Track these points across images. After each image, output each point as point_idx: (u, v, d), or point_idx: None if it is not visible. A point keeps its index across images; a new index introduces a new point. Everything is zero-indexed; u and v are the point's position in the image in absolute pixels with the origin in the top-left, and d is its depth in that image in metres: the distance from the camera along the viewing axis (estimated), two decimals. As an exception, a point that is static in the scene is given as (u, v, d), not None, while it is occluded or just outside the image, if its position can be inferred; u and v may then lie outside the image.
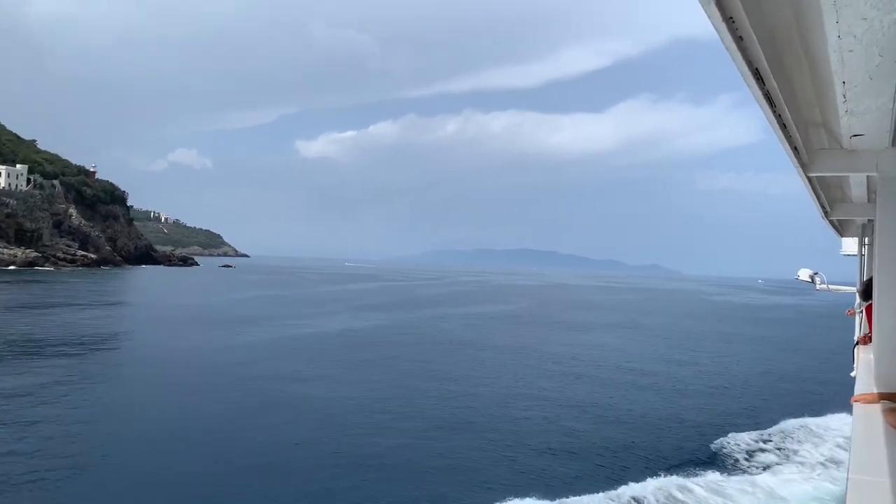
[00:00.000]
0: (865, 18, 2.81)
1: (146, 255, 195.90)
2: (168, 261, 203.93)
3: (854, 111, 4.42)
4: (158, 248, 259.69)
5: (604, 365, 37.26)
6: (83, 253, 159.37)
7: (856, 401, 5.50)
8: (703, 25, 2.70)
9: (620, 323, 66.08)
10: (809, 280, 12.20)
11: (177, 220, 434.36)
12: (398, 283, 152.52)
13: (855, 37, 3.02)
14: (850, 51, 3.22)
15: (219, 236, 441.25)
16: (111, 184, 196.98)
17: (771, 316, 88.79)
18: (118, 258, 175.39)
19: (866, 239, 12.73)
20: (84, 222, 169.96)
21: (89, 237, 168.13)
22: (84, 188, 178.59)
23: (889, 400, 5.42)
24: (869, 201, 9.26)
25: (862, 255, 13.72)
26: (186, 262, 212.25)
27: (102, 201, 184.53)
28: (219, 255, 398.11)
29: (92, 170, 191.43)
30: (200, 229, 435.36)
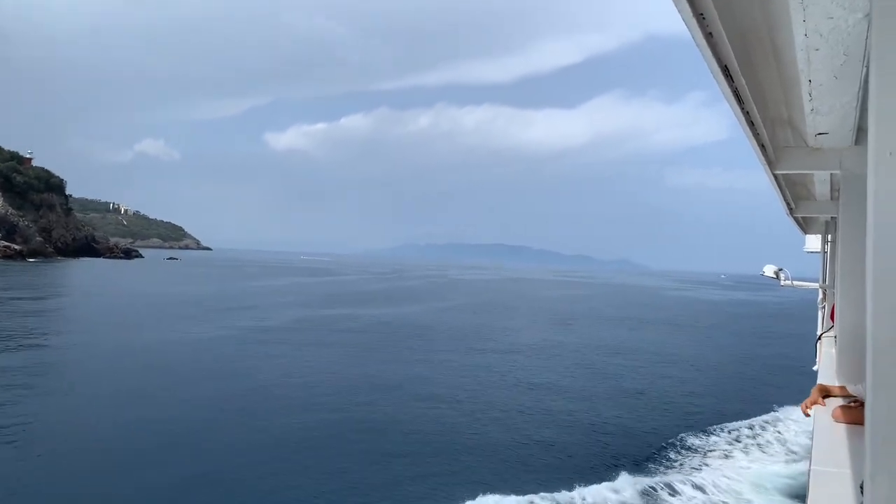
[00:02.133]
0: (832, 17, 2.85)
1: (86, 247, 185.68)
2: (110, 253, 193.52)
3: (819, 110, 4.50)
4: (117, 240, 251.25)
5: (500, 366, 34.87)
6: (6, 244, 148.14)
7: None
8: (675, 22, 2.71)
9: (547, 320, 62.00)
10: (774, 276, 12.40)
11: (137, 211, 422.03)
12: (343, 277, 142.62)
13: (821, 35, 3.07)
14: (817, 49, 3.26)
15: (181, 229, 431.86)
16: (46, 171, 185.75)
17: (728, 311, 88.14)
18: (49, 250, 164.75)
19: (829, 236, 12.97)
20: (12, 211, 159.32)
21: (17, 227, 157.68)
22: (14, 175, 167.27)
23: (839, 396, 5.56)
24: (832, 199, 9.44)
25: (825, 253, 13.98)
26: (130, 254, 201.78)
27: (35, 189, 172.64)
28: (180, 247, 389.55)
29: (28, 156, 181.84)
30: (162, 221, 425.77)
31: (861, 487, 3.51)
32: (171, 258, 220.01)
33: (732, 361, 41.33)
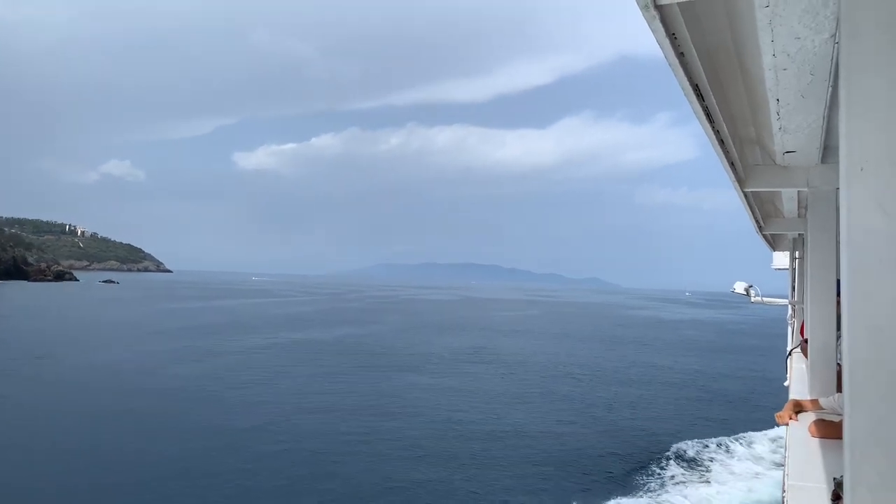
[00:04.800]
0: (799, 38, 2.92)
1: (14, 270, 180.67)
2: (42, 275, 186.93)
3: (787, 128, 4.59)
4: (71, 262, 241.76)
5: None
6: None
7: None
8: (644, 44, 2.75)
9: (457, 349, 52.23)
10: (744, 293, 12.55)
11: (94, 233, 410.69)
12: (274, 300, 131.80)
13: (788, 55, 3.14)
14: (784, 69, 3.33)
15: (140, 251, 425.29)
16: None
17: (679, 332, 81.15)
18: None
19: (797, 253, 13.20)
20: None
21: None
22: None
23: (812, 410, 5.63)
24: (799, 216, 9.62)
25: (793, 269, 14.21)
26: (62, 277, 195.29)
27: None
28: (139, 269, 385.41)
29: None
30: (121, 243, 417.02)
31: (833, 498, 3.55)
32: (107, 281, 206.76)
33: (700, 381, 41.61)
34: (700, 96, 3.49)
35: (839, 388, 5.79)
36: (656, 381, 39.60)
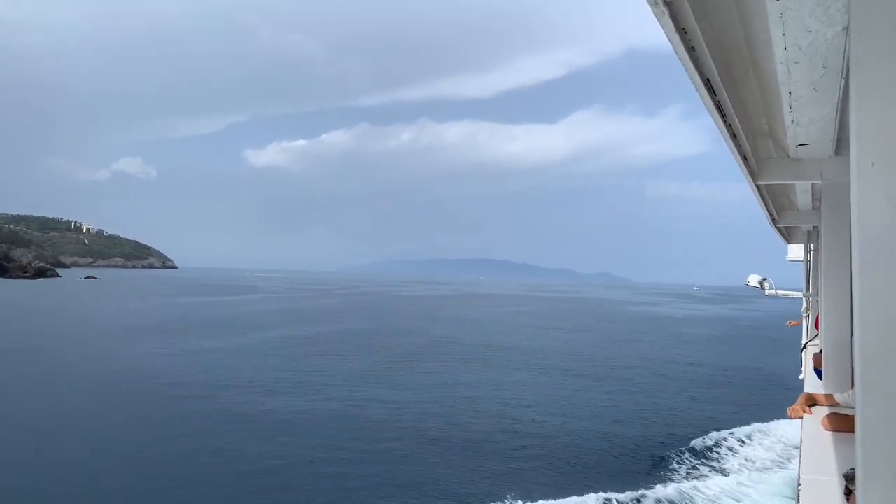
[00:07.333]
0: (810, 31, 2.90)
1: None
2: (21, 272, 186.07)
3: (799, 121, 4.56)
4: (77, 259, 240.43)
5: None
6: None
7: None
8: (655, 37, 2.74)
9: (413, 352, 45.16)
10: (759, 286, 12.51)
11: (100, 230, 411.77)
12: (250, 297, 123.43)
13: (800, 48, 3.12)
14: (796, 62, 3.32)
15: (146, 247, 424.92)
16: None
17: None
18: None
19: (811, 245, 13.11)
20: None
21: None
22: None
23: (825, 404, 5.61)
24: (814, 209, 9.56)
25: (808, 262, 14.12)
26: (43, 273, 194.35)
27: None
28: (143, 266, 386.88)
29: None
30: (127, 240, 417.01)
31: (845, 493, 3.55)
32: (89, 277, 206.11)
33: (710, 376, 41.44)
34: (711, 90, 3.47)
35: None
36: (665, 376, 39.34)
